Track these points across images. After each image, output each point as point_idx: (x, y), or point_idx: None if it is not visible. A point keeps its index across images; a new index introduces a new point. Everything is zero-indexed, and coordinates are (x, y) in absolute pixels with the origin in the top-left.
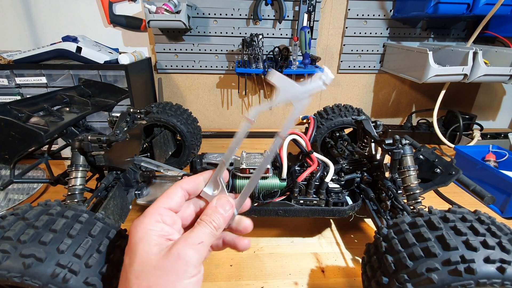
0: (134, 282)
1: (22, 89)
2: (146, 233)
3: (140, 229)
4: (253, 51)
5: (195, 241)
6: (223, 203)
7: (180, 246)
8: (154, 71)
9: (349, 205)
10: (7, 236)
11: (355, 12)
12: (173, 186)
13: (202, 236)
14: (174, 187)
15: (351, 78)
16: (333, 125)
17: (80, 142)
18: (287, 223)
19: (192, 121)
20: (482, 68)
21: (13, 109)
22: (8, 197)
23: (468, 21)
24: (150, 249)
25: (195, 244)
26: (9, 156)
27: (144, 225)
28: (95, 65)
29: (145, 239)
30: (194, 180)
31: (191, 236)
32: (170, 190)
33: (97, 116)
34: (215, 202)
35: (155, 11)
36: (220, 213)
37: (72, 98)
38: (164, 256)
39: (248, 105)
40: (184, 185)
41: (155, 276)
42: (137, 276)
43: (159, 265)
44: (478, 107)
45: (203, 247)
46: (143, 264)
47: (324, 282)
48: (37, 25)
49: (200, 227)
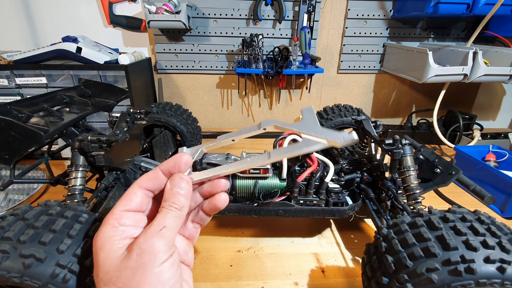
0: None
1: (22, 90)
2: (105, 241)
3: (98, 239)
4: (253, 51)
5: (156, 229)
6: (176, 182)
7: (140, 241)
8: (154, 71)
9: (349, 205)
10: (7, 236)
11: (355, 12)
12: (131, 187)
13: (164, 222)
14: (132, 187)
15: (351, 78)
16: (333, 125)
17: (80, 142)
18: (287, 223)
19: (192, 121)
20: (482, 68)
21: (13, 110)
22: (8, 198)
23: (468, 21)
24: (111, 255)
25: (157, 232)
26: (9, 156)
27: (101, 233)
28: (95, 65)
29: (105, 247)
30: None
31: (151, 226)
32: (128, 191)
33: (97, 117)
34: (169, 184)
35: (155, 11)
36: (177, 193)
37: (72, 99)
38: (127, 254)
39: (248, 105)
40: (142, 184)
41: (123, 277)
42: (105, 283)
43: (125, 265)
44: (478, 107)
45: (168, 231)
46: (107, 271)
47: (324, 282)
48: (37, 25)
49: (161, 215)
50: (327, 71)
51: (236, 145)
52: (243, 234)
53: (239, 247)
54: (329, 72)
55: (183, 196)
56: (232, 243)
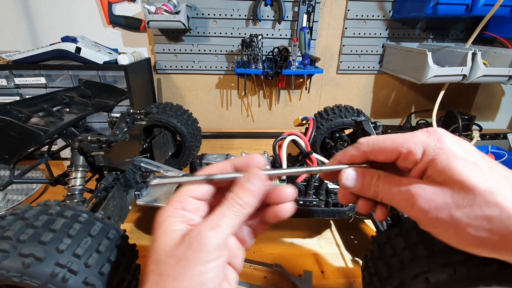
0: (151, 268)
1: (21, 90)
2: (165, 220)
3: (159, 217)
4: (253, 52)
5: (214, 223)
6: (251, 177)
7: (196, 229)
8: (154, 71)
9: (349, 206)
10: (7, 235)
11: (355, 12)
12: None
13: (222, 217)
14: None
15: (351, 78)
16: (333, 126)
17: (80, 143)
18: (286, 224)
19: (192, 122)
20: (481, 68)
21: (13, 110)
22: (7, 198)
23: (467, 22)
24: (166, 236)
25: (214, 225)
26: (9, 156)
27: (163, 212)
28: (94, 65)
29: (163, 225)
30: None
31: (211, 217)
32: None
33: (97, 117)
34: (243, 178)
35: (154, 11)
36: (248, 188)
37: (72, 99)
38: (180, 241)
39: (248, 105)
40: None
41: (167, 263)
42: (154, 261)
43: (173, 252)
44: (477, 107)
45: (224, 229)
46: (159, 250)
47: (324, 283)
48: (36, 25)
49: (222, 206)
50: (326, 71)
51: (236, 145)
52: None
53: None
54: (329, 72)
55: (252, 194)
56: None
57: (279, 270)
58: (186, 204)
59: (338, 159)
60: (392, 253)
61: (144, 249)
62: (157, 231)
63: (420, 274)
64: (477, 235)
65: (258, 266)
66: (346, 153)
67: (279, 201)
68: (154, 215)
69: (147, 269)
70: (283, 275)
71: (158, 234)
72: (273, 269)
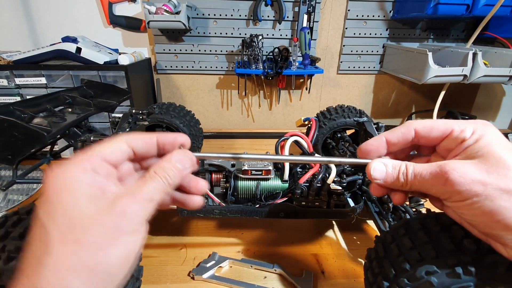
0: (56, 238)
1: (22, 90)
2: (72, 182)
3: (62, 177)
4: (253, 52)
5: (144, 197)
6: (183, 159)
7: (126, 201)
8: (154, 71)
9: (351, 207)
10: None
11: (355, 12)
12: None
13: (153, 192)
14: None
15: (351, 78)
16: (335, 126)
17: (83, 143)
18: (287, 224)
19: (195, 123)
20: (482, 69)
21: (16, 110)
22: (7, 198)
23: (468, 22)
24: (78, 200)
25: (144, 200)
26: (12, 157)
27: (69, 172)
28: (94, 65)
29: (71, 189)
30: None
31: (142, 190)
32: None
33: (99, 117)
34: (175, 156)
35: (154, 11)
36: (178, 168)
37: (75, 99)
38: (106, 210)
39: (248, 105)
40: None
41: (90, 231)
42: (62, 230)
43: (96, 219)
44: (478, 107)
45: (152, 204)
46: (70, 216)
47: (324, 283)
48: (37, 25)
49: (152, 181)
50: (327, 71)
51: (236, 145)
52: (243, 234)
53: (238, 247)
54: (329, 72)
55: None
56: (231, 243)
57: (279, 270)
58: (97, 166)
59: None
60: (398, 253)
61: (144, 250)
62: (62, 195)
63: (428, 275)
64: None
65: (258, 266)
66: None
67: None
68: (155, 215)
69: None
70: (283, 276)
71: (64, 198)
72: (273, 269)
